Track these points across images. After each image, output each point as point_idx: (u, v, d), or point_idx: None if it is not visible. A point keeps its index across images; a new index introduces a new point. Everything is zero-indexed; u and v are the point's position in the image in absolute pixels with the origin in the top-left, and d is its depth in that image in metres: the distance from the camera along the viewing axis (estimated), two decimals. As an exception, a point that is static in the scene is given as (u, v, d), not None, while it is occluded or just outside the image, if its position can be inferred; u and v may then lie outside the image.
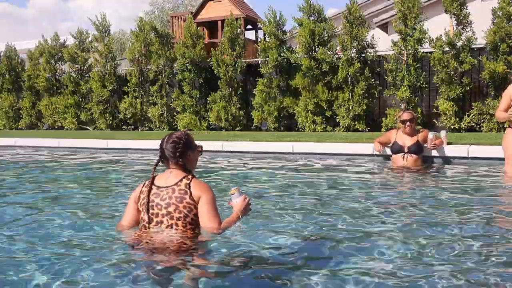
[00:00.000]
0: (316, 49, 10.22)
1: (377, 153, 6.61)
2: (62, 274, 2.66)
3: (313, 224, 3.64)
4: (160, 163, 3.09)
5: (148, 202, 2.91)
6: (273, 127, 10.59)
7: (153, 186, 2.95)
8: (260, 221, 3.71)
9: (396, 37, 9.71)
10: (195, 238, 2.88)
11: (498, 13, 8.82)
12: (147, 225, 2.91)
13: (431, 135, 6.22)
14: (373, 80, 9.79)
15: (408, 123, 6.17)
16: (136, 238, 2.93)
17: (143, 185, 3.01)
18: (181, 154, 2.98)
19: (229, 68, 11.04)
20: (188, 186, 2.89)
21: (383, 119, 9.65)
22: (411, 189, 5.16)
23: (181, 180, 2.92)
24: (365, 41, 9.86)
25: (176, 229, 2.86)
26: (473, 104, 9.15)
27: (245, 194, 3.08)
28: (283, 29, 10.87)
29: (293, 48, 10.86)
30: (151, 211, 2.90)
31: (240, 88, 11.21)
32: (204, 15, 14.78)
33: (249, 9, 15.34)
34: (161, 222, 2.88)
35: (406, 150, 6.15)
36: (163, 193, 2.90)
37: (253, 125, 11.01)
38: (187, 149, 3.01)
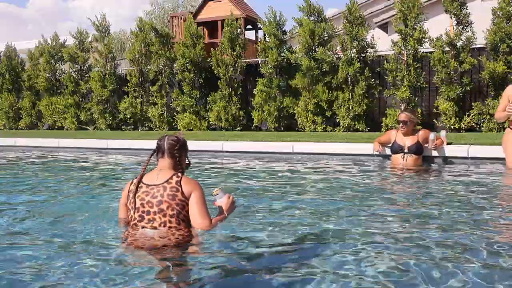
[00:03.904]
0: (316, 49, 10.22)
1: (377, 153, 6.61)
2: (52, 273, 2.67)
3: (311, 223, 3.64)
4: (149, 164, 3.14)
5: (135, 199, 2.95)
6: (273, 127, 10.60)
7: (142, 184, 2.99)
8: (256, 219, 3.71)
9: (396, 37, 9.71)
10: (188, 234, 2.92)
11: (498, 13, 8.82)
12: (138, 223, 2.94)
13: (432, 135, 6.21)
14: (373, 80, 9.79)
15: (401, 124, 6.17)
16: (126, 237, 2.96)
17: (131, 184, 3.05)
18: (178, 150, 3.09)
19: (229, 68, 11.05)
20: (179, 184, 2.93)
21: (383, 119, 9.65)
22: (410, 189, 5.15)
23: (171, 178, 2.96)
24: (365, 41, 9.86)
25: (170, 226, 2.90)
26: (473, 104, 9.15)
27: (228, 193, 3.13)
28: (283, 29, 10.88)
29: (293, 48, 10.86)
30: (141, 209, 2.93)
31: (240, 88, 11.21)
32: (204, 15, 14.78)
33: (249, 9, 15.34)
34: (153, 219, 2.91)
35: (406, 150, 6.15)
36: (153, 190, 2.93)
37: (253, 125, 11.01)
38: (183, 149, 3.13)
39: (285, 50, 10.78)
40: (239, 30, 11.44)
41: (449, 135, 7.11)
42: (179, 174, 3.01)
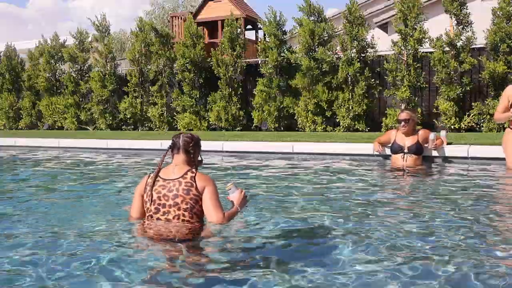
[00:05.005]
0: (316, 49, 10.22)
1: (377, 153, 6.61)
2: (68, 262, 2.75)
3: (311, 223, 3.64)
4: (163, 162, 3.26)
5: (152, 191, 3.10)
6: (273, 127, 10.60)
7: (159, 178, 3.15)
8: (259, 218, 3.72)
9: (396, 37, 9.71)
10: (199, 228, 3.08)
11: (498, 13, 8.82)
12: (153, 215, 3.11)
13: (432, 135, 6.20)
14: (373, 80, 9.79)
15: (403, 123, 6.16)
16: (142, 228, 3.13)
17: (148, 177, 3.22)
18: (192, 147, 3.26)
19: (229, 68, 11.05)
20: (193, 179, 3.10)
21: (383, 119, 9.65)
22: (410, 189, 5.15)
23: (186, 173, 3.13)
24: (365, 41, 9.86)
25: (183, 220, 3.06)
26: (473, 104, 9.15)
27: (241, 188, 3.29)
28: (283, 29, 10.88)
29: (293, 48, 10.87)
30: (157, 201, 3.09)
31: (240, 88, 11.21)
32: (204, 15, 14.78)
33: (249, 9, 15.34)
34: (168, 212, 3.08)
35: (406, 150, 6.14)
36: (170, 185, 3.10)
37: (253, 125, 11.01)
38: (197, 146, 3.30)
39: (285, 50, 10.78)
40: (239, 30, 11.44)
41: (449, 135, 7.10)
42: (194, 170, 3.18)
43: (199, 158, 3.34)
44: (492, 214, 3.92)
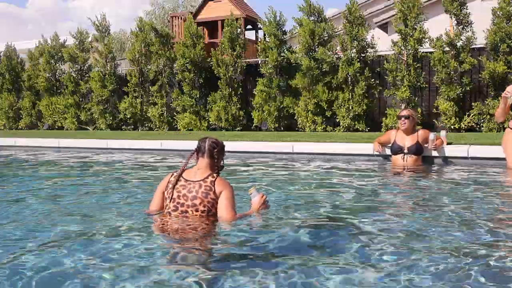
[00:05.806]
0: (316, 49, 10.22)
1: (377, 153, 6.61)
2: (86, 256, 2.84)
3: (311, 223, 3.64)
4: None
5: (173, 190, 3.28)
6: (273, 127, 10.60)
7: (181, 178, 3.33)
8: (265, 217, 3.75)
9: (396, 37, 9.71)
10: (214, 228, 3.24)
11: (498, 13, 8.83)
12: (172, 212, 3.28)
13: (432, 135, 6.21)
14: (373, 80, 9.80)
15: (403, 118, 6.16)
16: (159, 223, 3.32)
17: (171, 175, 3.39)
18: (217, 152, 3.42)
19: (229, 68, 11.05)
20: (213, 184, 3.28)
21: (383, 119, 9.66)
22: (410, 190, 5.15)
23: (207, 177, 3.31)
24: (365, 41, 9.87)
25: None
26: (473, 104, 9.15)
27: (262, 192, 3.46)
28: (283, 29, 10.88)
29: (293, 48, 10.87)
30: (177, 200, 3.27)
31: (240, 88, 11.22)
32: (204, 15, 14.78)
33: (249, 9, 15.34)
34: (186, 212, 3.26)
35: (406, 150, 6.14)
36: (190, 186, 3.28)
37: (253, 125, 11.01)
38: (221, 152, 3.48)
39: (285, 50, 10.78)
40: (239, 30, 11.44)
41: (449, 135, 7.11)
42: (215, 174, 3.36)
43: (222, 164, 3.50)
44: (492, 214, 3.92)
